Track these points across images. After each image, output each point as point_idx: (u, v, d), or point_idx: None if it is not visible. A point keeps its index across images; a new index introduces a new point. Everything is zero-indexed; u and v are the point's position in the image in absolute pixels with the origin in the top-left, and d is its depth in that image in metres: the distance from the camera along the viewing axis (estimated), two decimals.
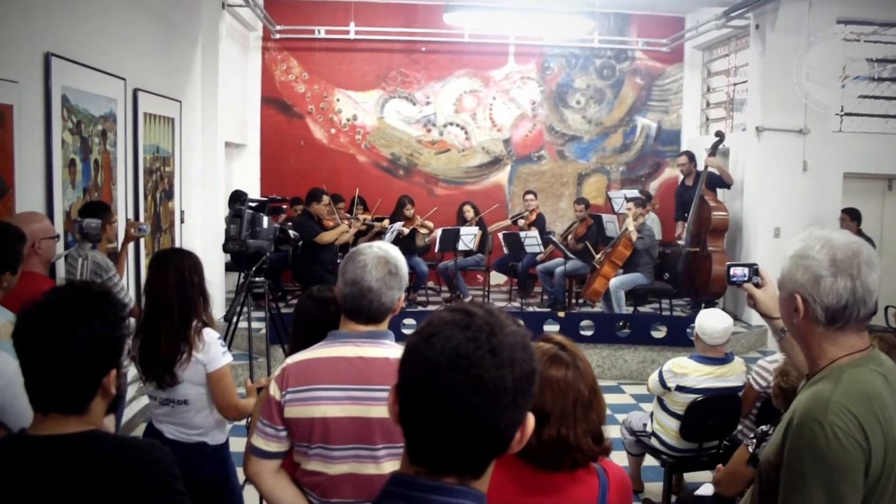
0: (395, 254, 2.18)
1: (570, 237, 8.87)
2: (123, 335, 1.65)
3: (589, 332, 7.36)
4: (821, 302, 1.70)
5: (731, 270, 2.20)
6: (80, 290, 1.63)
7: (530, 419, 1.12)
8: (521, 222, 9.01)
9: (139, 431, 5.15)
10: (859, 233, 7.55)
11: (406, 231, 8.51)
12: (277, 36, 9.74)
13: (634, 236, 7.68)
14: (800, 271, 1.73)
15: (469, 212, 9.08)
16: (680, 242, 8.68)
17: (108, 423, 1.86)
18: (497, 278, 9.90)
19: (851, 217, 7.80)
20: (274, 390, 2.12)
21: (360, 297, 2.10)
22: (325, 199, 8.06)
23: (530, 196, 9.16)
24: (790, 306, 1.77)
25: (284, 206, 8.38)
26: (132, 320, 1.87)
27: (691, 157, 8.78)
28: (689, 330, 4.43)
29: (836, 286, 1.68)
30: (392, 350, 2.13)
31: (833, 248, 1.70)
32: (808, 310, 1.73)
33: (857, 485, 1.59)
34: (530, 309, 8.57)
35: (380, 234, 8.40)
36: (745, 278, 2.18)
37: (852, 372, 1.70)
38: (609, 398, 2.33)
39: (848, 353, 1.72)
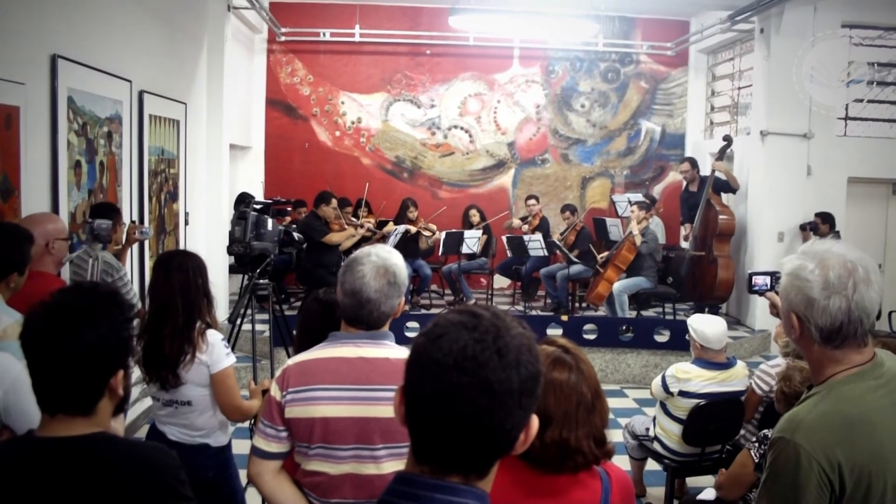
0: (395, 260, 2.16)
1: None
2: (131, 336, 1.66)
3: (592, 336, 7.35)
4: (815, 323, 1.68)
5: (753, 279, 2.17)
6: (88, 291, 1.63)
7: (534, 420, 1.13)
8: (525, 227, 9.00)
9: (142, 433, 5.16)
10: (836, 235, 7.63)
11: (413, 230, 8.52)
12: (282, 38, 9.78)
13: (638, 240, 7.68)
14: (793, 292, 1.71)
15: (475, 216, 9.08)
16: (685, 245, 8.67)
17: (118, 425, 1.86)
18: (500, 282, 9.90)
19: (823, 220, 7.82)
20: (275, 391, 2.13)
21: (359, 307, 2.11)
22: (334, 202, 8.08)
23: (532, 201, 9.15)
24: (788, 323, 1.77)
25: (289, 209, 8.38)
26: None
27: (694, 163, 8.77)
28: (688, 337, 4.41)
29: (830, 308, 1.65)
30: (392, 350, 2.14)
31: (826, 267, 1.66)
32: (804, 329, 1.72)
33: None
34: (533, 312, 8.57)
35: (383, 239, 8.41)
36: (767, 287, 2.16)
37: (843, 389, 1.69)
38: (612, 402, 2.32)
39: (846, 367, 1.71)
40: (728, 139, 8.46)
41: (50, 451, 1.53)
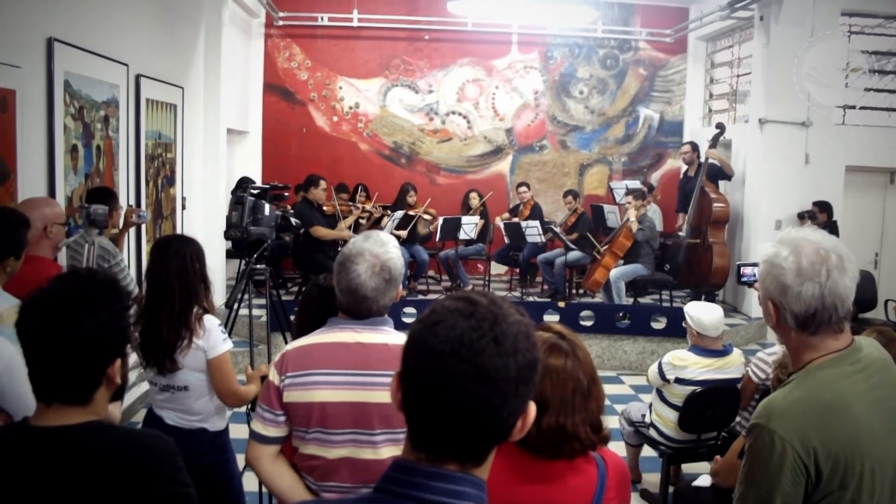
0: (391, 254, 2.14)
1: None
2: (129, 324, 1.64)
3: (589, 323, 7.37)
4: (790, 309, 1.70)
5: (742, 270, 2.20)
6: (86, 278, 1.61)
7: (532, 408, 1.13)
8: (516, 219, 8.99)
9: (139, 417, 5.17)
10: (833, 224, 7.63)
11: (403, 229, 8.46)
12: (280, 23, 9.72)
13: (635, 227, 7.69)
14: (769, 279, 1.73)
15: (475, 199, 9.09)
16: (681, 234, 8.69)
17: (115, 410, 1.85)
18: (497, 268, 9.91)
19: (821, 209, 7.84)
20: (273, 376, 2.14)
21: (356, 304, 2.12)
22: (323, 184, 8.04)
23: (523, 188, 9.16)
24: (766, 309, 1.79)
25: (286, 194, 8.37)
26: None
27: (695, 146, 8.77)
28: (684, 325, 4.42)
29: (804, 294, 1.67)
30: (391, 336, 2.14)
31: (800, 254, 1.68)
32: (780, 315, 1.74)
33: (786, 491, 1.63)
34: (531, 299, 8.58)
35: (379, 221, 8.41)
36: (755, 278, 2.18)
37: (819, 375, 1.71)
38: (608, 389, 2.33)
39: (823, 354, 1.72)
40: (721, 126, 8.46)
41: (46, 440, 1.51)
